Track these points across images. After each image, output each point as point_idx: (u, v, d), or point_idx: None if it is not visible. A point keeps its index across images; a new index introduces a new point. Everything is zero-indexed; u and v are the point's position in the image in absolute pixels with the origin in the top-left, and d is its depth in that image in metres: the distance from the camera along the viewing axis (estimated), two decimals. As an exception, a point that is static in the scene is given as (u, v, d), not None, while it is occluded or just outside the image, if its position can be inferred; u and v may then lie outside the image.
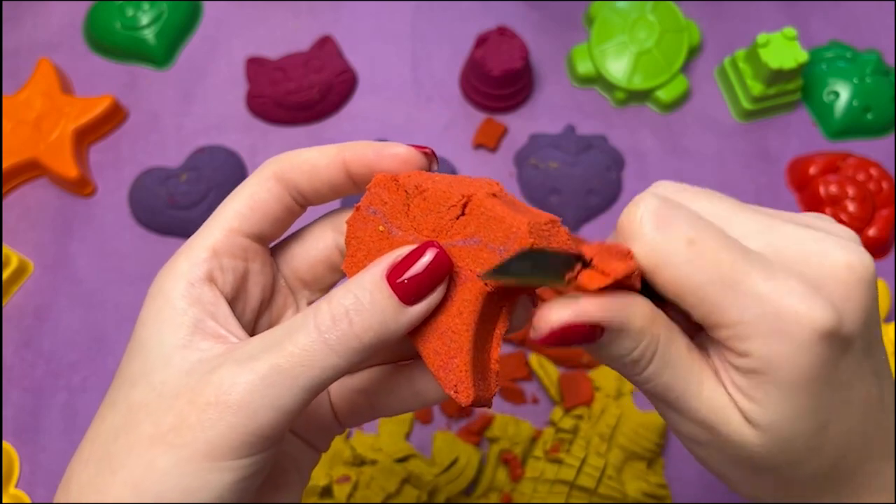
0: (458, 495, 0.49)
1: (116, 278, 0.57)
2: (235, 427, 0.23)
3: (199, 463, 0.23)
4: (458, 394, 0.25)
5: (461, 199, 0.24)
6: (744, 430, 0.23)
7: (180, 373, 0.24)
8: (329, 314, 0.24)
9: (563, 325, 0.22)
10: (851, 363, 0.23)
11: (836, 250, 0.23)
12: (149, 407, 0.24)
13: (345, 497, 0.48)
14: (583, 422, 0.51)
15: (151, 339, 0.25)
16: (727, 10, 0.67)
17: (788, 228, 0.24)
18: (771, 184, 0.61)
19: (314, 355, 0.23)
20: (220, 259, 0.27)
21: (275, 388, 0.23)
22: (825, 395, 0.23)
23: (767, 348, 0.22)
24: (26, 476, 0.51)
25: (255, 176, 0.28)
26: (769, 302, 0.22)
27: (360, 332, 0.23)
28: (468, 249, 0.24)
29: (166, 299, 0.26)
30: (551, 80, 0.64)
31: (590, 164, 0.59)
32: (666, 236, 0.23)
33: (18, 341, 0.55)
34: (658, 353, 0.24)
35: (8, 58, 0.64)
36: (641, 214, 0.23)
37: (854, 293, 0.23)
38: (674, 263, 0.22)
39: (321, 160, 0.27)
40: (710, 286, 0.22)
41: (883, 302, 0.55)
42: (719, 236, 0.23)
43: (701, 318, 0.23)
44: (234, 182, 0.59)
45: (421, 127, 0.62)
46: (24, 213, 0.59)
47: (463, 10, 0.66)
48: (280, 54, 0.63)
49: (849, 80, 0.62)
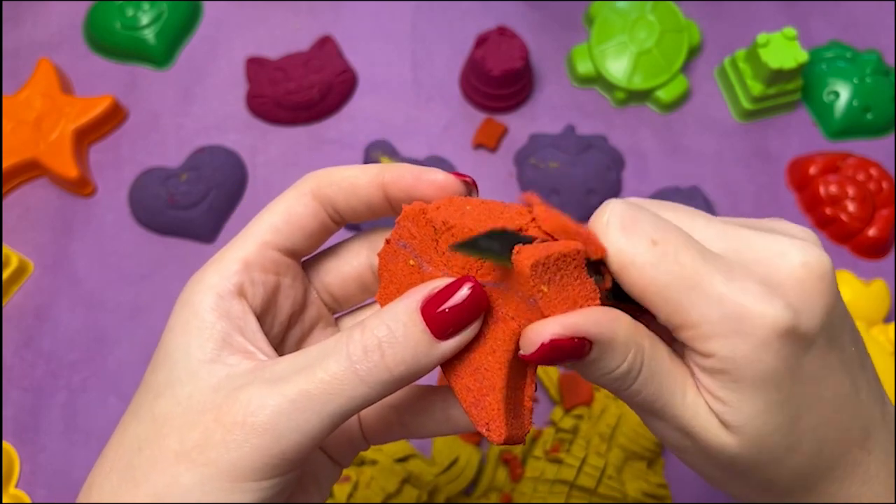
0: (458, 495, 0.49)
1: (116, 278, 0.57)
2: (260, 449, 0.23)
3: (222, 482, 0.23)
4: (489, 432, 0.24)
5: None
6: (720, 434, 0.24)
7: (207, 388, 0.24)
8: (361, 344, 0.23)
9: (553, 338, 0.22)
10: (815, 358, 0.24)
11: (792, 251, 0.24)
12: (174, 421, 0.24)
13: (345, 497, 0.48)
14: (583, 422, 0.51)
15: (178, 350, 0.25)
16: (727, 10, 0.67)
17: (746, 232, 0.24)
18: (771, 184, 0.61)
19: (344, 384, 0.23)
20: (251, 272, 0.26)
21: (303, 413, 0.23)
22: (792, 391, 0.23)
23: (729, 348, 0.23)
24: (26, 476, 0.51)
25: (293, 190, 0.28)
26: (728, 302, 0.22)
27: (392, 366, 0.23)
28: (499, 291, 0.24)
29: (194, 311, 0.25)
30: (551, 80, 0.64)
31: (590, 164, 0.58)
32: (630, 238, 0.23)
33: (18, 341, 0.55)
34: (645, 365, 0.24)
35: (8, 58, 0.64)
36: (608, 218, 0.23)
37: (812, 291, 0.23)
38: (638, 264, 0.23)
39: (360, 179, 0.27)
40: (672, 287, 0.23)
41: (883, 302, 0.55)
42: (682, 238, 0.23)
43: (665, 319, 0.24)
44: (235, 182, 0.59)
45: (421, 127, 0.62)
46: (24, 213, 0.59)
47: (463, 10, 0.66)
48: (280, 54, 0.63)
49: (849, 80, 0.62)
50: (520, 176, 0.59)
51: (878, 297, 0.55)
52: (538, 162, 0.59)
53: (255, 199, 0.59)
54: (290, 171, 0.60)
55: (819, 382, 0.24)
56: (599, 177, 0.58)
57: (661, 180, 0.60)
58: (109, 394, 0.53)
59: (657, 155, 0.62)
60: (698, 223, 0.25)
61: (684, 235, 0.23)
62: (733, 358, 0.23)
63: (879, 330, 0.53)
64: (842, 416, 0.25)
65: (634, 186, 0.60)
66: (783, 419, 0.24)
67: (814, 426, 0.24)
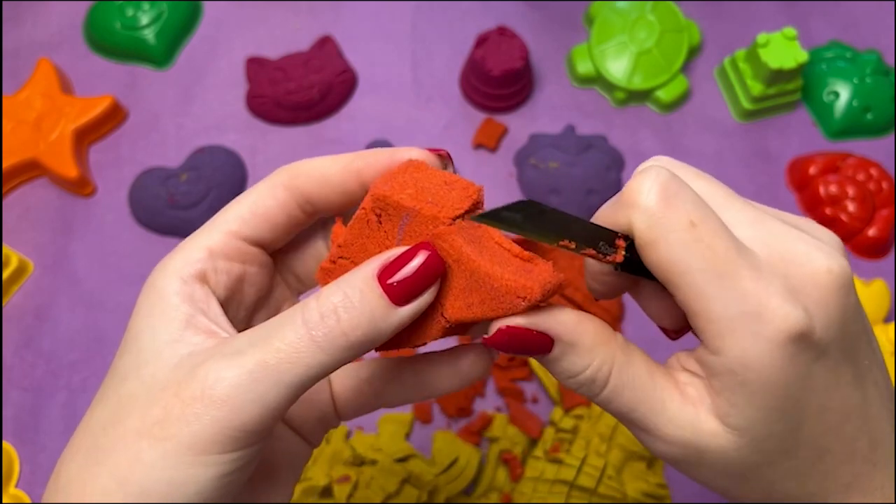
0: (458, 495, 0.49)
1: (116, 278, 0.57)
2: (220, 421, 0.23)
3: (183, 456, 0.23)
4: (527, 292, 0.23)
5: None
6: (719, 436, 0.24)
7: (169, 366, 0.24)
8: (317, 311, 0.23)
9: (512, 327, 0.23)
10: (827, 368, 0.23)
11: (818, 254, 0.23)
12: (137, 400, 0.24)
13: (345, 497, 0.48)
14: (583, 422, 0.51)
15: (143, 333, 0.25)
16: (727, 10, 0.67)
17: (777, 225, 0.24)
18: (771, 184, 0.61)
19: (301, 352, 0.23)
20: (214, 260, 0.27)
21: (260, 383, 0.23)
22: (798, 397, 0.23)
23: (742, 347, 0.22)
24: (26, 476, 0.51)
25: (264, 182, 0.28)
26: (752, 300, 0.22)
27: (348, 330, 0.23)
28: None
29: (160, 295, 0.26)
30: (551, 80, 0.64)
31: (590, 164, 0.58)
32: (669, 213, 0.23)
33: (18, 341, 0.55)
34: (614, 375, 0.24)
35: (8, 58, 0.64)
36: (650, 185, 0.23)
37: (832, 299, 0.23)
38: (671, 242, 0.23)
39: (332, 168, 0.27)
40: (700, 273, 0.22)
41: (883, 302, 0.55)
42: (718, 224, 0.23)
43: (683, 302, 0.23)
44: (235, 182, 0.59)
45: (421, 127, 0.62)
46: (24, 213, 0.59)
47: (463, 10, 0.66)
48: (280, 54, 0.63)
49: (849, 80, 0.62)
50: (520, 176, 0.59)
51: (878, 297, 0.55)
52: (538, 162, 0.59)
53: (255, 199, 0.59)
54: (290, 171, 0.60)
55: (827, 392, 0.24)
56: (599, 177, 0.58)
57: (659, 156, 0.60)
58: (109, 394, 0.53)
59: (657, 155, 0.61)
60: (734, 205, 0.24)
61: (720, 222, 0.23)
62: (742, 358, 0.22)
63: (879, 330, 0.53)
64: (847, 428, 0.24)
65: (634, 186, 0.60)
66: (786, 424, 0.23)
67: (816, 435, 0.24)
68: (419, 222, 0.25)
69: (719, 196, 0.25)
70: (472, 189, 0.26)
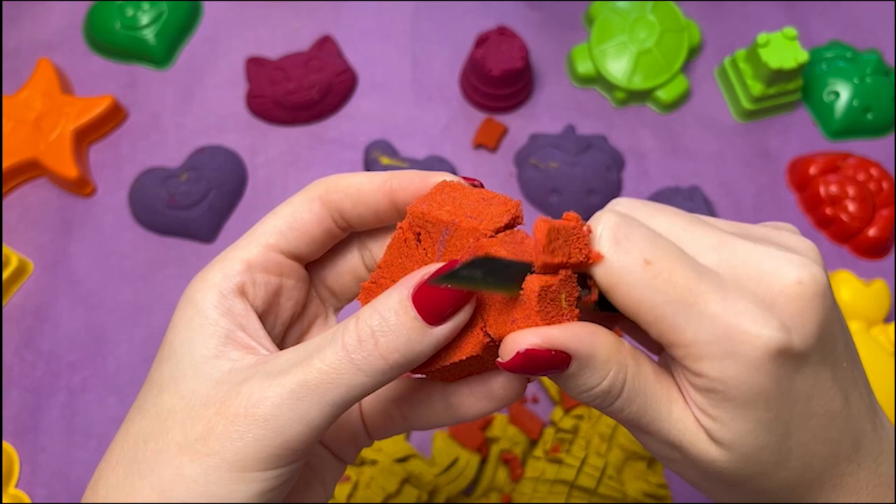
0: (458, 495, 0.49)
1: (116, 278, 0.57)
2: (262, 439, 0.23)
3: (225, 473, 0.23)
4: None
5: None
6: (710, 448, 0.24)
7: (210, 382, 0.24)
8: (356, 334, 0.24)
9: (529, 348, 0.23)
10: (808, 376, 0.24)
11: (786, 267, 0.23)
12: (177, 414, 0.24)
13: (345, 497, 0.48)
14: (583, 422, 0.51)
15: (182, 346, 0.25)
16: (727, 10, 0.67)
17: (741, 245, 0.24)
18: (771, 184, 0.61)
19: (341, 374, 0.23)
20: (253, 273, 0.27)
21: (302, 402, 0.23)
22: (783, 409, 0.23)
23: (720, 368, 0.23)
24: (26, 476, 0.51)
25: (301, 195, 0.28)
26: (721, 323, 0.22)
27: (386, 354, 0.23)
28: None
29: (198, 309, 0.26)
30: (551, 80, 0.64)
31: (590, 164, 0.58)
32: (622, 256, 0.23)
33: (18, 341, 0.55)
34: (627, 384, 0.24)
35: (8, 58, 0.64)
36: (600, 233, 0.23)
37: (806, 309, 0.23)
38: (630, 283, 0.23)
39: (367, 186, 0.27)
40: (664, 307, 0.23)
41: (883, 302, 0.55)
42: (675, 256, 0.23)
43: (657, 337, 0.24)
44: (235, 182, 0.59)
45: (421, 127, 0.62)
46: (24, 213, 0.59)
47: (463, 10, 0.66)
48: (280, 54, 0.63)
49: (849, 80, 0.62)
50: (520, 176, 0.59)
51: (878, 297, 0.55)
52: (538, 162, 0.59)
53: (255, 199, 0.59)
54: (290, 171, 0.60)
55: (810, 400, 0.24)
56: (599, 177, 0.58)
57: (661, 180, 0.60)
58: (109, 394, 0.53)
59: (657, 155, 0.62)
60: (696, 232, 0.25)
61: (678, 253, 0.23)
62: (724, 378, 0.23)
63: (879, 330, 0.53)
64: (831, 431, 0.25)
65: (634, 186, 0.60)
66: (773, 437, 0.24)
67: (803, 442, 0.24)
68: (459, 236, 0.25)
69: (679, 227, 0.25)
70: (511, 204, 0.25)
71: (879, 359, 0.52)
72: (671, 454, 0.25)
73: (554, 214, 0.58)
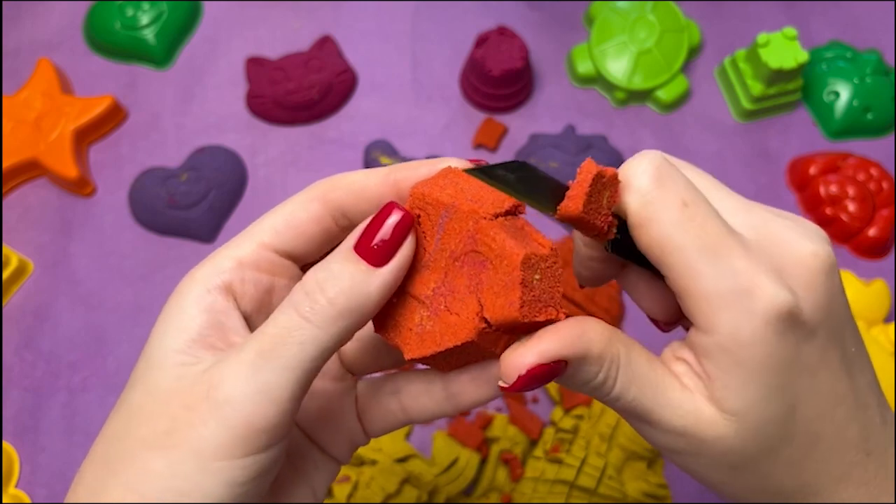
0: (458, 495, 0.49)
1: (116, 278, 0.57)
2: (224, 422, 0.23)
3: (192, 463, 0.22)
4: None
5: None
6: (717, 423, 0.24)
7: (173, 377, 0.24)
8: (302, 289, 0.24)
9: (529, 368, 0.23)
10: (815, 349, 0.24)
11: (804, 240, 0.24)
12: (143, 410, 0.24)
13: (345, 497, 0.48)
14: (583, 422, 0.51)
15: (155, 341, 0.25)
16: (727, 10, 0.67)
17: (765, 213, 0.25)
18: (771, 184, 0.61)
19: (292, 331, 0.23)
20: (243, 271, 0.27)
21: (261, 373, 0.23)
22: (790, 377, 0.24)
23: (734, 324, 0.23)
24: (26, 476, 0.51)
25: (300, 195, 0.28)
26: (743, 277, 0.23)
27: (332, 298, 0.23)
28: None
29: (179, 303, 0.26)
30: (551, 80, 0.64)
31: (590, 164, 0.58)
32: (663, 193, 0.23)
33: (18, 341, 0.55)
34: (621, 372, 0.24)
35: (8, 58, 0.64)
36: (644, 167, 0.24)
37: (818, 281, 0.24)
38: (664, 221, 0.23)
39: (369, 180, 0.27)
40: (692, 251, 0.23)
41: (883, 302, 0.55)
42: (709, 206, 0.24)
43: (675, 281, 0.24)
44: (235, 182, 0.59)
45: (421, 127, 0.62)
46: (24, 213, 0.59)
47: (463, 10, 0.66)
48: (280, 54, 0.63)
49: (849, 80, 0.62)
50: (520, 176, 0.59)
51: (878, 297, 0.55)
52: (538, 162, 0.59)
53: (255, 199, 0.59)
54: (289, 170, 0.60)
55: (817, 374, 0.24)
56: (599, 177, 0.58)
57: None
58: (109, 394, 0.53)
59: (657, 155, 0.62)
60: (721, 192, 0.26)
61: (710, 204, 0.24)
62: (735, 334, 0.23)
63: (879, 330, 0.53)
64: (837, 413, 0.25)
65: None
66: (781, 407, 0.24)
67: (809, 418, 0.24)
68: (458, 219, 0.25)
69: (709, 185, 0.26)
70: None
71: (879, 359, 0.52)
72: (677, 443, 0.25)
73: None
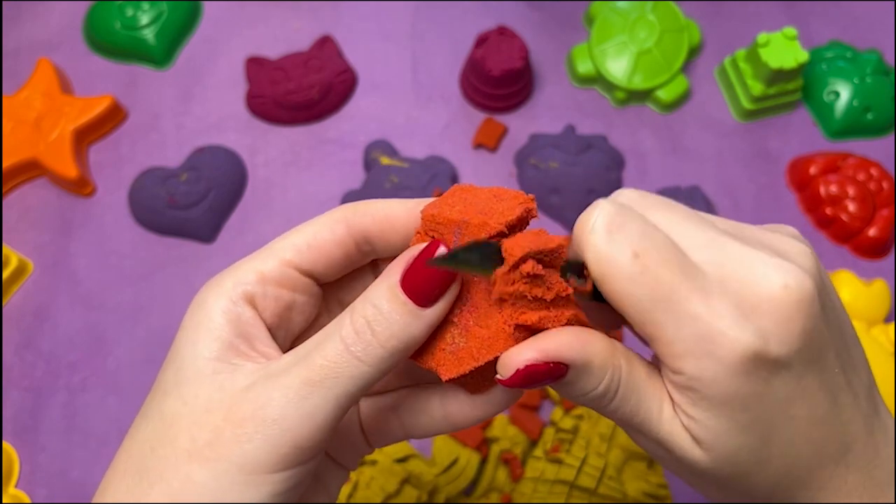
0: (458, 495, 0.49)
1: (116, 278, 0.57)
2: (271, 441, 0.23)
3: (235, 476, 0.23)
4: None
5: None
6: (693, 449, 0.24)
7: (213, 387, 0.24)
8: (352, 327, 0.24)
9: (528, 364, 0.23)
10: (789, 381, 0.24)
11: (773, 272, 0.23)
12: (182, 420, 0.24)
13: (345, 497, 0.48)
14: (583, 422, 0.51)
15: (186, 349, 0.25)
16: (727, 10, 0.67)
17: (732, 245, 0.24)
18: (771, 184, 0.61)
19: (343, 367, 0.24)
20: (265, 286, 0.27)
21: (309, 400, 0.23)
22: (761, 411, 0.24)
23: (698, 367, 0.23)
24: (26, 476, 0.51)
25: (326, 216, 0.28)
26: (701, 323, 0.23)
27: (384, 342, 0.24)
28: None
29: (206, 313, 0.26)
30: (551, 80, 0.64)
31: (590, 164, 0.58)
32: (612, 247, 0.23)
33: (18, 341, 0.55)
34: (622, 385, 0.25)
35: (8, 58, 0.64)
36: (594, 222, 0.24)
37: (790, 315, 0.23)
38: (616, 275, 0.23)
39: (397, 209, 0.27)
40: (648, 302, 0.23)
41: (883, 302, 0.55)
42: (665, 251, 0.23)
43: (639, 331, 0.24)
44: (234, 182, 0.59)
45: (421, 127, 0.62)
46: (24, 213, 0.59)
47: (463, 10, 0.66)
48: (280, 54, 0.63)
49: (849, 80, 0.62)
50: (520, 176, 0.59)
51: (878, 297, 0.55)
52: (538, 162, 0.59)
53: (255, 199, 0.59)
54: (289, 171, 0.60)
55: (791, 403, 0.24)
56: (599, 177, 0.58)
57: (662, 180, 0.60)
58: (109, 394, 0.53)
59: (657, 155, 0.62)
60: (690, 228, 0.25)
61: (669, 248, 0.23)
62: (700, 377, 0.23)
63: (879, 330, 0.53)
64: (816, 434, 0.25)
65: (634, 186, 0.60)
66: (751, 438, 0.24)
67: (785, 443, 0.24)
68: (470, 234, 0.25)
69: (674, 222, 0.25)
70: (523, 197, 0.26)
71: (879, 359, 0.52)
72: (661, 453, 0.26)
73: (554, 214, 0.58)
